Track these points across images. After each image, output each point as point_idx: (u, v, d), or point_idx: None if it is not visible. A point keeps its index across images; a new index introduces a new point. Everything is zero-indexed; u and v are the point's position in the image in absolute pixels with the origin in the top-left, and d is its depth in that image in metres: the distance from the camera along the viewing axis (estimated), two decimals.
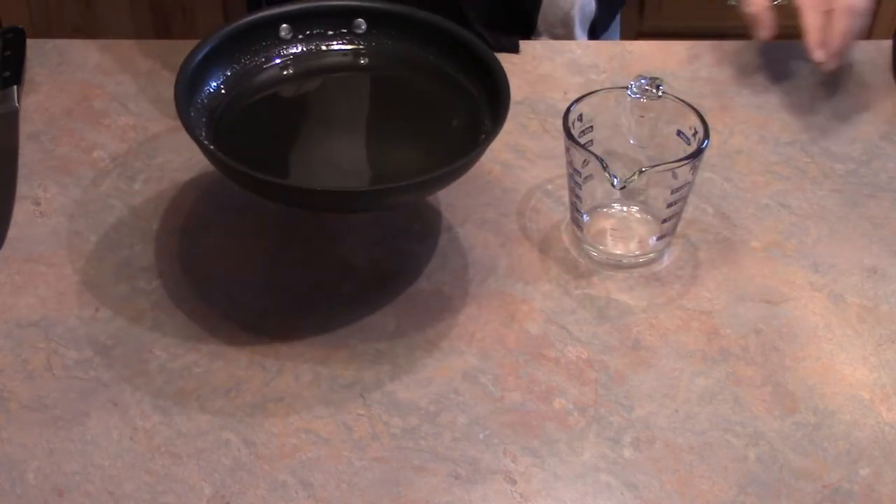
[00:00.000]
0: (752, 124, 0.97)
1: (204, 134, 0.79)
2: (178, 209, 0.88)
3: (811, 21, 0.92)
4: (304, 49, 0.87)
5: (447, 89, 0.85)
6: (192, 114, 0.79)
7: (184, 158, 0.92)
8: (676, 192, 0.79)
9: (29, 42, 1.04)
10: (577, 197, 0.82)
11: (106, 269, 0.82)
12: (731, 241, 0.86)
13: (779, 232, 0.87)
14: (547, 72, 1.02)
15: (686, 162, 0.78)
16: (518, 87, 0.89)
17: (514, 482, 0.69)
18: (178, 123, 0.96)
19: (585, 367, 0.76)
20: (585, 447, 0.71)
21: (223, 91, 0.83)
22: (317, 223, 0.86)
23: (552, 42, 1.10)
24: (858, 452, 0.71)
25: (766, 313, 0.80)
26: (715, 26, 1.80)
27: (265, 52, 0.86)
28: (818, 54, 0.90)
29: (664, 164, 0.78)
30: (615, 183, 0.76)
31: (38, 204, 0.88)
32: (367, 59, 0.88)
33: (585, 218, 0.84)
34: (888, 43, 1.07)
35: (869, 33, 1.83)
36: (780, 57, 1.06)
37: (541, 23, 1.11)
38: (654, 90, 0.82)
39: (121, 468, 0.69)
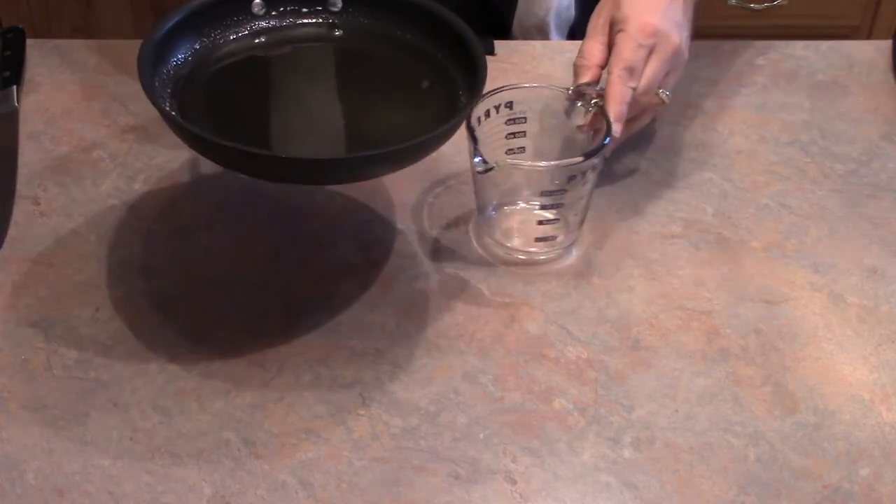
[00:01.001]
0: (752, 124, 0.97)
1: (168, 104, 0.78)
2: (178, 209, 0.88)
3: (619, 92, 0.82)
4: (277, 24, 0.85)
5: (424, 66, 0.84)
6: (157, 84, 0.77)
7: (184, 158, 0.92)
8: (549, 195, 0.80)
9: (29, 42, 1.04)
10: (480, 190, 0.83)
11: (106, 269, 0.82)
12: (731, 241, 0.86)
13: (779, 232, 0.87)
14: (546, 72, 1.02)
15: (537, 165, 0.78)
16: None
17: (514, 482, 0.69)
18: None
19: (585, 367, 0.76)
20: (585, 447, 0.71)
21: (189, 62, 0.82)
22: (316, 223, 0.86)
23: (552, 42, 1.10)
24: (858, 452, 0.71)
25: (766, 313, 0.80)
26: (715, 26, 1.80)
27: (236, 26, 0.84)
28: (617, 128, 0.81)
29: (523, 162, 0.79)
30: (476, 163, 0.76)
31: (38, 204, 0.88)
32: (341, 35, 0.86)
33: (492, 214, 0.84)
34: (888, 43, 1.07)
35: (869, 33, 1.84)
36: (779, 57, 1.06)
37: (516, 28, 1.10)
38: (588, 102, 0.82)
39: (121, 468, 0.69)
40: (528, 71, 1.02)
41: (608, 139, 0.79)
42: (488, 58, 1.06)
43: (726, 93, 1.01)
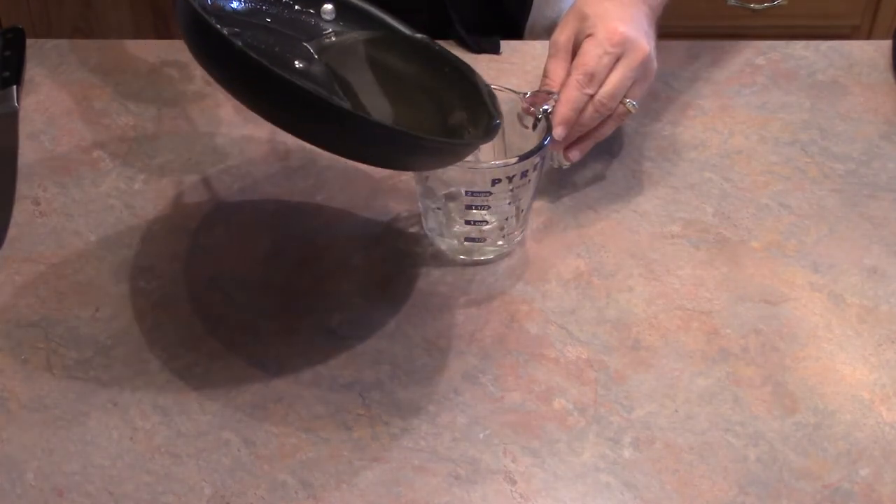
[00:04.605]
0: (752, 124, 0.97)
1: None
2: (178, 209, 0.88)
3: (572, 97, 0.82)
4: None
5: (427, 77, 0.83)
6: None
7: (184, 158, 0.92)
8: (472, 195, 0.80)
9: (29, 42, 1.04)
10: (425, 190, 0.82)
11: (106, 269, 0.82)
12: (731, 241, 0.86)
13: (779, 232, 0.87)
14: None
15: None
16: (517, 87, 0.89)
17: (514, 482, 0.69)
18: (179, 123, 0.96)
19: (585, 367, 0.76)
20: (585, 447, 0.71)
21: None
22: (316, 223, 0.87)
23: None
24: (858, 452, 0.71)
25: (766, 313, 0.80)
26: (715, 26, 1.80)
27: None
28: (559, 132, 0.81)
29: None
30: None
31: (38, 204, 0.88)
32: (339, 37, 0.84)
33: (434, 213, 0.84)
34: (888, 43, 1.07)
35: (869, 33, 1.84)
36: (779, 57, 1.06)
37: (528, 31, 1.10)
38: (538, 108, 0.82)
39: (121, 468, 0.69)
40: (528, 71, 1.02)
41: (547, 140, 0.79)
42: (490, 57, 1.06)
43: (726, 93, 1.01)
